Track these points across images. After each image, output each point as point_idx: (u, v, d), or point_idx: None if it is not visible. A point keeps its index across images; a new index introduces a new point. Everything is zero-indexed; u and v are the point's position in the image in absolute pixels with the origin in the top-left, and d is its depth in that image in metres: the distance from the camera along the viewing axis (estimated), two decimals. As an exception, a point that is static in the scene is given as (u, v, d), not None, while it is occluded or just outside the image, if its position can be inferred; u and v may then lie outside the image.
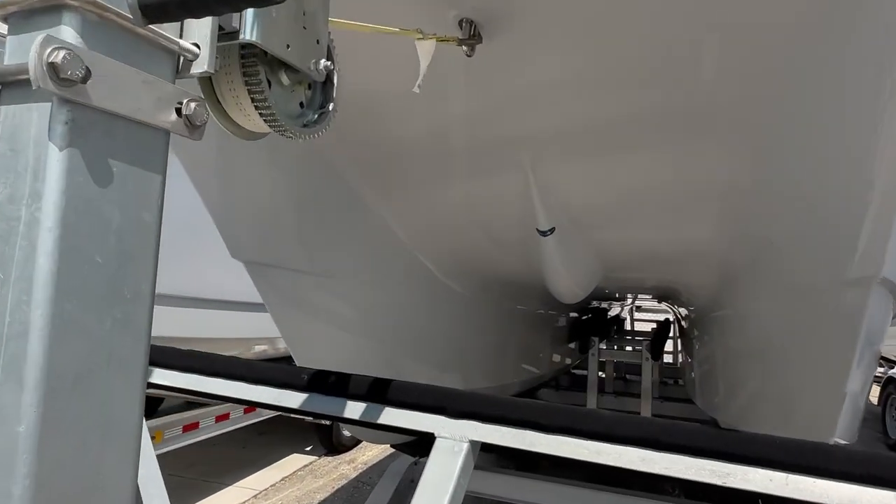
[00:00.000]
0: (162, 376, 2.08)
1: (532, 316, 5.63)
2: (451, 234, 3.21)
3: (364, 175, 2.70)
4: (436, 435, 1.70)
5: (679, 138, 2.11)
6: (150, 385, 2.06)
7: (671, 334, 8.66)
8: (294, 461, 6.86)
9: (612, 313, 9.98)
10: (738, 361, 3.10)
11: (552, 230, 2.72)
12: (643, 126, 2.08)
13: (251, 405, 2.45)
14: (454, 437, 1.67)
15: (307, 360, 2.74)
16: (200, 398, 2.18)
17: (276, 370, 1.98)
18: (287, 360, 2.85)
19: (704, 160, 2.19)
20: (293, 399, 1.92)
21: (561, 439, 1.59)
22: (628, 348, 8.77)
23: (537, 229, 2.71)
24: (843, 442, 2.08)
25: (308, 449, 7.18)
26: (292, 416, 3.45)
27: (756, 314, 2.51)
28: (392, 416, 1.79)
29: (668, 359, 9.32)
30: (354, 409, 1.84)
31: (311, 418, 4.78)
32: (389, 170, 2.62)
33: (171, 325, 4.33)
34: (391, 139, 2.38)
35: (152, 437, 5.04)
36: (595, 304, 8.72)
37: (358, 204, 2.85)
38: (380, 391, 1.81)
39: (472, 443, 1.66)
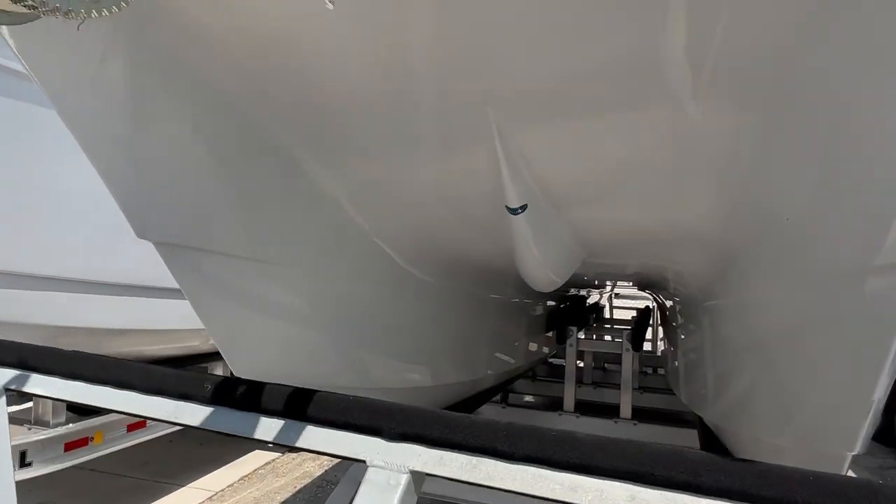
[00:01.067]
0: (35, 383, 1.67)
1: (506, 305, 5.27)
2: (412, 213, 2.81)
3: (305, 142, 2.29)
4: (367, 463, 1.32)
5: (674, 96, 1.74)
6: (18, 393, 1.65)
7: (651, 322, 8.41)
8: (255, 458, 6.46)
9: (590, 301, 9.70)
10: (733, 356, 2.77)
11: (523, 208, 2.33)
12: (631, 81, 1.70)
13: (144, 419, 2.05)
14: (391, 467, 1.29)
15: (241, 359, 2.34)
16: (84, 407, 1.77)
17: (174, 377, 1.58)
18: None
19: (704, 122, 1.82)
20: (194, 414, 1.53)
21: (527, 470, 1.23)
22: (607, 338, 8.51)
23: (506, 206, 2.32)
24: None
25: (271, 445, 6.79)
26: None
27: (760, 304, 2.16)
28: (314, 438, 1.41)
29: (647, 346, 9.10)
30: (268, 428, 1.45)
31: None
32: (333, 135, 2.22)
33: (99, 314, 3.90)
34: (331, 96, 1.97)
35: (90, 438, 4.62)
36: (573, 291, 8.41)
37: (301, 176, 2.44)
38: (299, 405, 1.42)
39: (414, 473, 1.29)
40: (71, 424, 4.48)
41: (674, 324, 5.00)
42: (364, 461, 1.32)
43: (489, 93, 1.86)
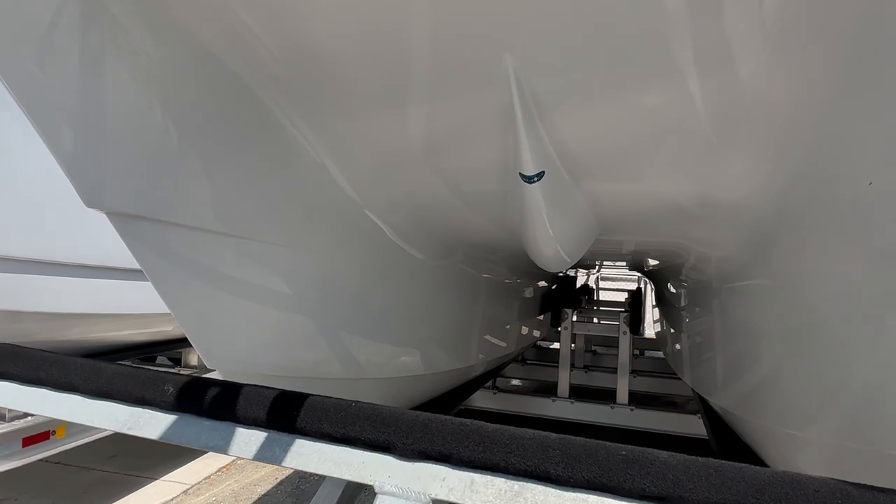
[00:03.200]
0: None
1: (501, 286, 4.99)
2: (410, 182, 2.49)
3: (285, 95, 1.95)
4: (376, 490, 1.02)
5: (727, 48, 1.44)
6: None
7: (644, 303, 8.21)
8: (234, 448, 6.15)
9: (580, 282, 9.48)
10: (759, 341, 2.52)
11: (540, 175, 2.02)
12: (678, 24, 1.40)
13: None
14: (407, 494, 1.00)
15: (214, 348, 2.03)
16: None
17: (127, 377, 1.26)
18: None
19: (762, 80, 1.52)
20: (153, 423, 1.21)
21: (587, 500, 0.94)
22: (595, 320, 8.30)
23: (521, 174, 2.01)
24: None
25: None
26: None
27: (810, 287, 1.90)
28: (306, 455, 1.10)
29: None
30: (247, 442, 1.14)
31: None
32: (317, 86, 1.88)
33: (56, 297, 3.54)
34: (314, 37, 1.63)
35: (52, 432, 4.26)
36: (563, 272, 8.17)
37: (281, 138, 2.10)
38: (286, 413, 1.12)
39: (438, 503, 1.00)
40: (30, 418, 4.12)
41: (677, 305, 4.77)
42: (372, 486, 1.03)
43: (508, 37, 1.53)
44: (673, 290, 5.00)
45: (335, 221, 2.53)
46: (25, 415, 4.11)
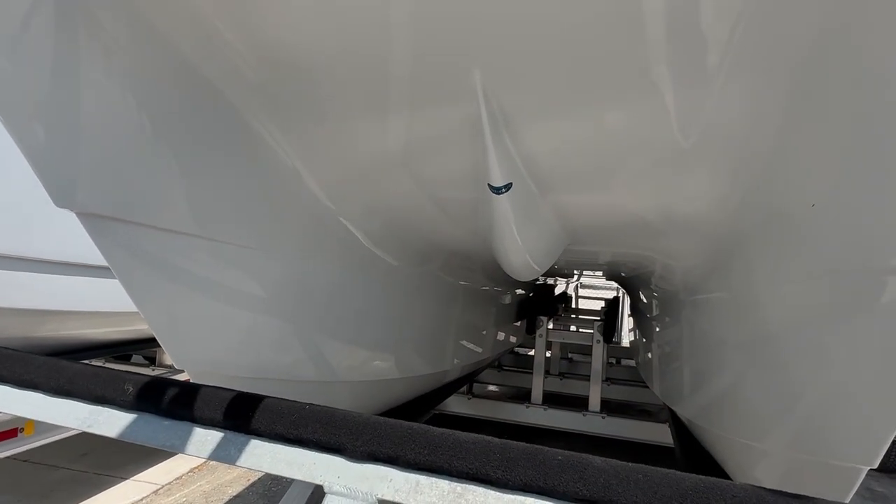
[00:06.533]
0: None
1: (476, 293, 5.04)
2: (382, 191, 2.53)
3: (260, 102, 1.99)
4: (326, 489, 1.06)
5: (687, 69, 1.51)
6: None
7: (620, 313, 8.33)
8: (207, 449, 6.12)
9: (558, 290, 9.57)
10: (721, 351, 2.60)
11: (507, 187, 2.08)
12: (640, 45, 1.46)
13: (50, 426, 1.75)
14: (354, 495, 1.04)
15: (184, 350, 2.05)
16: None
17: (88, 376, 1.29)
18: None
19: (720, 100, 1.59)
20: (111, 421, 1.24)
21: (524, 502, 0.99)
22: (573, 328, 8.39)
23: (489, 185, 2.07)
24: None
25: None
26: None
27: (766, 299, 1.97)
28: (260, 455, 1.14)
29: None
30: (203, 441, 1.18)
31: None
32: (292, 95, 1.92)
33: (30, 294, 3.52)
34: (289, 48, 1.68)
35: (21, 430, 4.22)
36: (541, 280, 8.25)
37: (256, 145, 2.14)
38: (241, 414, 1.15)
39: (383, 503, 1.04)
40: (-2, 415, 4.08)
41: (648, 315, 4.86)
42: (322, 486, 1.07)
43: (476, 53, 1.59)
44: (643, 300, 5.10)
45: (308, 226, 2.56)
46: (-7, 412, 4.07)
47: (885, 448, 1.48)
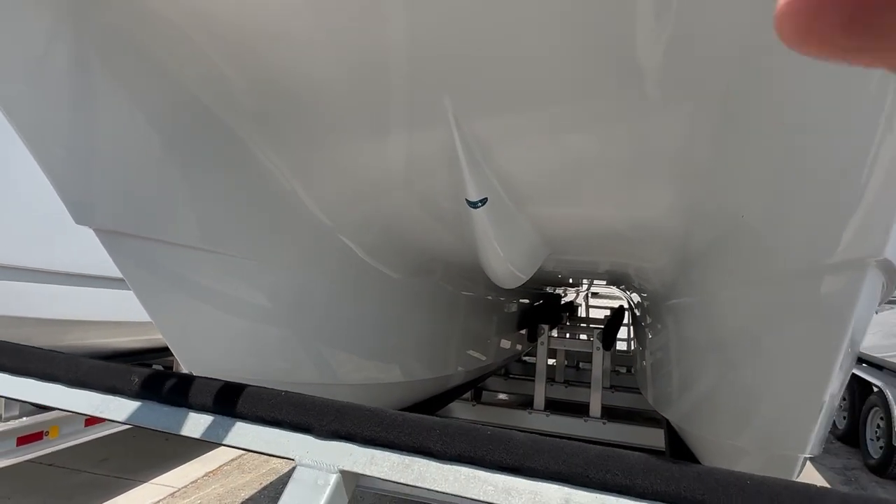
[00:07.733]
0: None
1: (476, 302, 5.21)
2: (374, 206, 2.74)
3: (260, 128, 2.21)
4: (297, 462, 1.26)
5: (630, 93, 1.70)
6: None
7: (625, 321, 8.42)
8: (223, 454, 6.33)
9: (566, 300, 9.69)
10: (694, 356, 2.75)
11: (483, 201, 2.27)
12: (589, 74, 1.65)
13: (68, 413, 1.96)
14: (320, 466, 1.23)
15: (193, 356, 2.24)
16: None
17: (100, 370, 1.50)
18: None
19: (660, 120, 1.78)
20: (120, 408, 1.45)
21: (460, 471, 1.17)
22: (583, 336, 8.51)
23: (466, 200, 2.26)
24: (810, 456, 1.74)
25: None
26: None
27: (719, 304, 2.13)
28: (243, 435, 1.34)
29: (622, 346, 9.11)
30: (196, 424, 1.38)
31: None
32: (289, 122, 2.14)
33: (53, 304, 3.78)
34: (286, 81, 1.90)
35: (46, 433, 4.48)
36: (549, 290, 8.39)
37: (258, 165, 2.36)
38: (228, 400, 1.36)
39: (345, 473, 1.23)
40: (25, 418, 4.34)
41: (642, 323, 4.99)
42: (293, 459, 1.26)
43: (446, 80, 1.80)
44: (636, 308, 5.23)
45: (308, 241, 2.77)
46: (21, 415, 4.34)
47: (813, 436, 1.64)
